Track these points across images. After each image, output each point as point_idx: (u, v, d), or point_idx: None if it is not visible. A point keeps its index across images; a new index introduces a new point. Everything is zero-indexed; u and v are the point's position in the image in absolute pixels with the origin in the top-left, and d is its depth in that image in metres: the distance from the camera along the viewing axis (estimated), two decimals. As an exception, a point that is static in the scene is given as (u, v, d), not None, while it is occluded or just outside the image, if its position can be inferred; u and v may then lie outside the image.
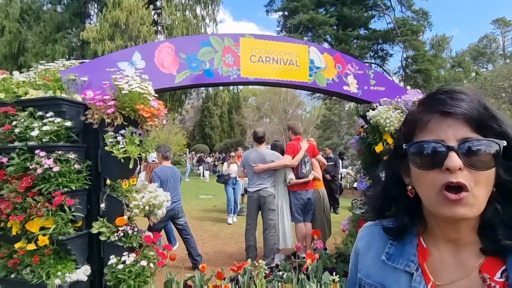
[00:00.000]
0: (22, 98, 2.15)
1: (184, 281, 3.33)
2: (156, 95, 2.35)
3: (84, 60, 2.53)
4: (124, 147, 2.16)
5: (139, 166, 2.46)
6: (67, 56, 16.03)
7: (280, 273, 3.62)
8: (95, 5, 17.71)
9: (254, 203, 4.47)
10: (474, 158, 0.55)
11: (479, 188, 0.55)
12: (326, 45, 21.59)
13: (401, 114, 3.09)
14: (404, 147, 0.61)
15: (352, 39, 19.80)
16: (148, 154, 2.35)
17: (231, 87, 39.21)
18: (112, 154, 2.12)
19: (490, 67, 34.21)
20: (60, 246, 2.09)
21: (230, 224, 7.30)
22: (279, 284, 3.32)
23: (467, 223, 0.59)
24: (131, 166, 2.17)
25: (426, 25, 21.03)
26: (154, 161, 5.20)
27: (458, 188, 0.54)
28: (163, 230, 5.19)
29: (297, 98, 35.12)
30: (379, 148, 3.16)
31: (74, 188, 2.09)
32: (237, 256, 4.83)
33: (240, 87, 41.66)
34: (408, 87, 3.62)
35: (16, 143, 2.09)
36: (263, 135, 4.59)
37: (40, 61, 2.41)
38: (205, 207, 9.69)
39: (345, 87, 3.17)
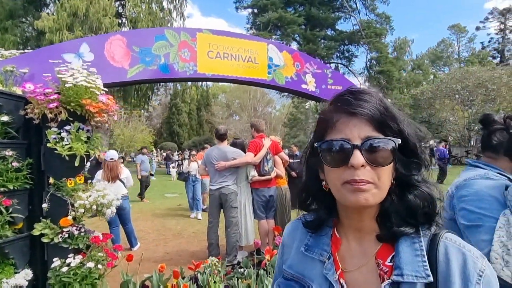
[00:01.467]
0: (-50, 89, 1.96)
1: (142, 281, 3.24)
2: (105, 89, 2.25)
3: (26, 51, 2.35)
4: (69, 144, 2.05)
5: (89, 164, 2.34)
6: (21, 47, 14.83)
7: (241, 270, 3.64)
8: (52, -8, 16.55)
9: (216, 201, 4.44)
10: (375, 155, 0.59)
11: (380, 181, 0.60)
12: (294, 44, 21.97)
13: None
14: (315, 145, 0.64)
15: (319, 39, 20.31)
16: (99, 151, 2.25)
17: (199, 84, 38.63)
18: (56, 151, 2.00)
19: (447, 70, 36.79)
20: (-4, 250, 1.94)
21: (193, 219, 7.32)
22: (239, 280, 3.34)
23: (369, 212, 0.64)
24: (76, 164, 2.06)
25: (388, 29, 22.11)
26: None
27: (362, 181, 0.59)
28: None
29: (266, 95, 35.37)
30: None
31: (12, 187, 1.95)
32: (199, 254, 4.79)
33: (210, 84, 41.18)
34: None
35: None
36: (225, 132, 4.56)
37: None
38: (170, 206, 9.49)
39: (304, 86, 3.24)
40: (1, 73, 2.04)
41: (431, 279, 0.56)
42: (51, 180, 2.09)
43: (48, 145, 2.01)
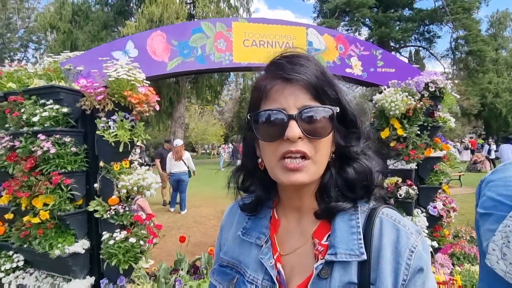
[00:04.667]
0: (28, 87, 2.38)
1: (193, 261, 3.51)
2: (147, 82, 2.45)
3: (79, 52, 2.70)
4: (114, 132, 2.30)
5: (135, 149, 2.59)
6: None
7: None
8: (135, 2, 18.64)
9: None
10: (313, 126, 0.54)
11: (318, 154, 0.56)
12: (364, 29, 20.47)
13: (409, 97, 2.86)
14: (248, 117, 0.59)
15: (394, 21, 18.46)
16: (141, 139, 2.47)
17: (254, 76, 38.99)
18: (104, 138, 2.27)
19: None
20: (60, 221, 2.31)
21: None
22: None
23: (308, 189, 0.60)
24: (120, 150, 2.30)
25: (482, 1, 18.82)
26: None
27: (299, 156, 0.54)
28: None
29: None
30: (385, 134, 2.97)
31: (70, 169, 2.29)
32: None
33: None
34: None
35: (25, 128, 2.33)
36: None
37: (48, 54, 2.63)
38: (233, 195, 9.92)
39: (348, 70, 3.00)
40: (64, 71, 2.39)
41: (364, 257, 0.54)
42: (101, 164, 2.38)
43: (98, 132, 2.29)
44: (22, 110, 2.32)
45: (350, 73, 3.00)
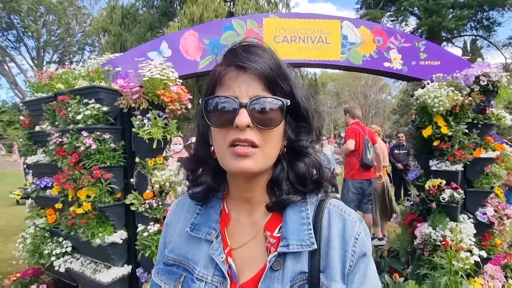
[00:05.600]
0: (74, 88, 2.58)
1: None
2: (180, 81, 2.52)
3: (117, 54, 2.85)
4: (148, 129, 2.41)
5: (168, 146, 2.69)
6: (157, 53, 18.02)
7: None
8: (178, 3, 19.35)
9: None
10: (263, 116, 0.55)
11: (267, 145, 0.56)
12: (412, 19, 19.12)
13: (456, 92, 2.60)
14: (200, 102, 0.59)
15: (446, 8, 16.95)
16: (173, 136, 2.56)
17: (307, 73, 38.35)
18: (139, 135, 2.39)
19: None
20: (101, 212, 2.49)
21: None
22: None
23: (259, 181, 0.60)
24: (154, 146, 2.40)
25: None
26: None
27: (247, 144, 0.54)
28: None
29: (379, 81, 32.26)
30: (427, 132, 2.74)
31: (109, 164, 2.44)
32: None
33: (318, 72, 40.37)
34: (479, 59, 3.00)
35: (71, 126, 2.53)
36: None
37: (89, 57, 2.82)
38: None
39: (386, 64, 2.82)
40: (104, 72, 2.55)
41: (315, 246, 0.56)
42: (137, 159, 2.51)
43: (133, 130, 2.41)
44: (69, 109, 2.52)
45: (388, 67, 2.82)
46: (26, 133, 3.14)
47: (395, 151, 7.35)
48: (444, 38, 18.83)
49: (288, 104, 0.57)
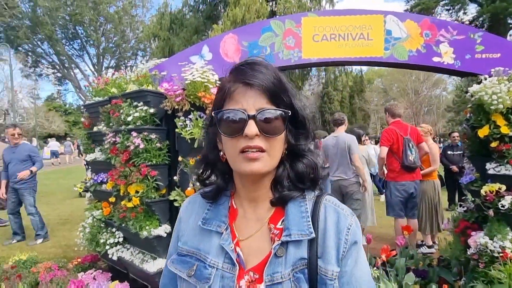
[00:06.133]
0: (125, 92, 2.81)
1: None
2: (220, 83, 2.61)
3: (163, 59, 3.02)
4: (190, 130, 2.53)
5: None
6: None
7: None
8: (222, 6, 19.90)
9: (336, 193, 4.29)
10: (268, 126, 0.63)
11: (273, 149, 0.65)
12: (472, 6, 17.40)
13: (518, 87, 2.34)
14: (213, 114, 0.67)
15: (513, -7, 15.14)
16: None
17: (353, 70, 36.92)
18: (181, 135, 2.53)
19: None
20: (147, 207, 2.68)
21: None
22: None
23: (263, 181, 0.69)
24: (195, 146, 2.52)
25: None
26: None
27: (256, 150, 0.63)
28: None
29: (433, 76, 29.85)
30: (483, 132, 2.50)
31: (155, 162, 2.62)
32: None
33: (365, 69, 38.75)
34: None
35: (123, 127, 2.77)
36: (339, 117, 4.34)
37: (141, 62, 3.05)
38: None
39: (436, 58, 2.62)
40: (151, 77, 2.74)
41: (313, 235, 0.65)
42: (180, 158, 2.66)
43: (177, 130, 2.56)
44: (121, 111, 2.76)
45: (438, 62, 2.62)
46: (86, 133, 3.50)
47: (449, 152, 6.78)
48: (510, 26, 16.85)
49: (290, 114, 0.65)
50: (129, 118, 2.63)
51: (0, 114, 32.34)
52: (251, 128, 0.62)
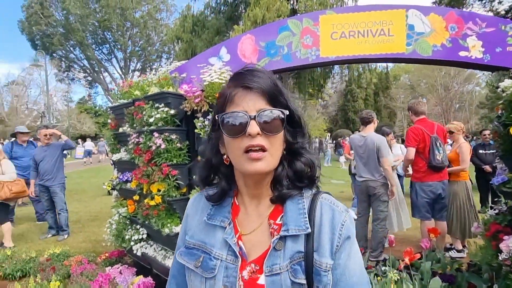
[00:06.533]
0: (148, 94, 2.91)
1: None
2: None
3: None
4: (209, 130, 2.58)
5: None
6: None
7: (384, 268, 3.35)
8: (243, 7, 19.98)
9: (363, 194, 4.19)
10: (268, 125, 0.68)
11: (273, 148, 0.70)
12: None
13: (555, 81, 2.18)
14: (216, 118, 0.72)
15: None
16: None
17: (377, 67, 35.82)
18: (200, 136, 2.59)
19: None
20: (169, 205, 2.76)
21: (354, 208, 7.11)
22: (376, 277, 3.11)
23: (264, 179, 0.73)
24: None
25: None
26: None
27: (258, 149, 0.68)
28: None
29: (464, 70, 28.32)
30: (515, 129, 2.35)
31: (176, 162, 2.69)
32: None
33: (390, 65, 37.49)
34: None
35: (145, 128, 2.87)
36: (366, 115, 4.19)
37: (165, 64, 3.14)
38: (332, 192, 9.65)
39: (463, 53, 2.50)
40: (171, 79, 2.82)
41: (309, 230, 0.70)
42: (199, 158, 2.71)
43: (196, 131, 2.62)
44: (143, 112, 2.86)
45: (465, 57, 2.49)
46: (112, 134, 3.66)
47: (480, 151, 6.42)
48: (552, 14, 15.61)
49: (287, 114, 0.70)
50: (151, 120, 2.72)
51: (38, 116, 34.49)
52: (253, 127, 0.66)
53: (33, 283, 2.96)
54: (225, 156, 0.75)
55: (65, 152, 5.96)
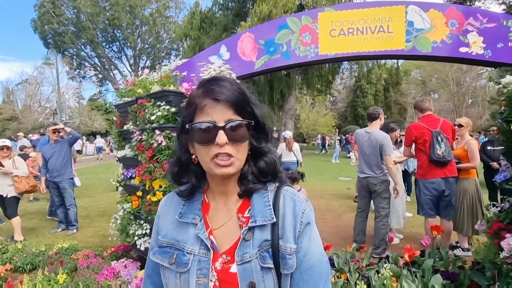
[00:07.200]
0: (150, 92, 2.97)
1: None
2: (237, 81, 2.68)
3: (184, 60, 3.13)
4: (208, 127, 2.63)
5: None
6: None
7: (386, 265, 3.35)
8: (251, 3, 19.92)
9: (364, 190, 4.18)
10: (235, 134, 0.74)
11: (239, 154, 0.76)
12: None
13: (557, 77, 2.14)
14: (187, 126, 0.77)
15: None
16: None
17: (389, 62, 35.30)
18: (200, 133, 2.63)
19: None
20: (170, 201, 2.82)
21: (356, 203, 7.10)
22: (377, 274, 3.12)
23: (231, 178, 0.80)
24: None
25: None
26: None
27: (226, 155, 0.74)
28: None
29: (478, 65, 27.66)
30: (516, 126, 2.32)
31: (176, 159, 2.75)
32: (349, 239, 4.69)
33: (401, 60, 36.83)
34: None
35: (148, 125, 2.93)
36: (373, 112, 4.15)
37: (171, 62, 3.19)
38: (339, 188, 9.63)
39: (463, 49, 2.47)
40: (173, 77, 2.87)
41: (274, 220, 0.77)
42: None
43: (196, 128, 2.66)
44: (146, 110, 2.92)
45: (466, 53, 2.46)
46: (117, 131, 3.74)
47: (488, 147, 6.29)
48: None
49: (253, 123, 0.76)
50: (153, 117, 2.78)
51: (50, 114, 35.29)
52: (221, 137, 0.72)
53: (41, 275, 3.08)
54: (193, 156, 0.81)
55: (78, 148, 6.09)
